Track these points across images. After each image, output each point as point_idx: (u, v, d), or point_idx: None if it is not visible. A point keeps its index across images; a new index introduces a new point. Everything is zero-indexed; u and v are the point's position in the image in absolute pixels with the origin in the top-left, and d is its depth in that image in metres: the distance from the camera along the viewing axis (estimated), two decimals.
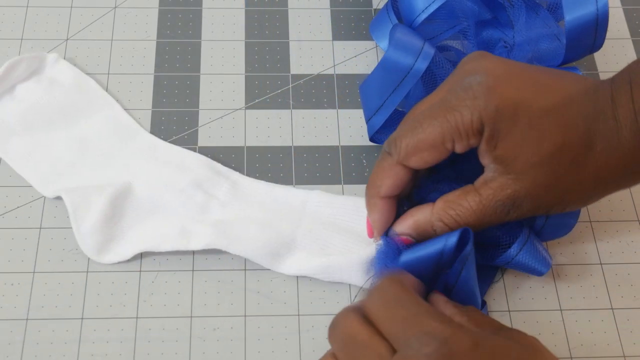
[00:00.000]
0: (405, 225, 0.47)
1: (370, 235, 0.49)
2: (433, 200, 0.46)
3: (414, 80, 0.51)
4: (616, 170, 0.44)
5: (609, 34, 0.52)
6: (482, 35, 0.56)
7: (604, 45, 0.52)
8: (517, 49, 0.53)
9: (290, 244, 0.51)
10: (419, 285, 0.43)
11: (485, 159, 0.45)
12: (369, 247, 0.49)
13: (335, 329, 0.40)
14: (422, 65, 0.51)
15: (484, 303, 0.50)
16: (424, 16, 0.53)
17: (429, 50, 0.51)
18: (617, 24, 0.63)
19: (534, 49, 0.53)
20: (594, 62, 0.61)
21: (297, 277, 0.51)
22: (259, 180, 0.54)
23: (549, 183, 0.44)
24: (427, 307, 0.39)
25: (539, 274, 0.49)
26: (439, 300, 0.43)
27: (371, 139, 0.55)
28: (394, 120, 0.53)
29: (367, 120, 0.54)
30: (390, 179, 0.46)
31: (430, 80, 0.52)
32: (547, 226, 0.49)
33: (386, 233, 0.48)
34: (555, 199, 0.45)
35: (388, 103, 0.52)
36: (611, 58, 0.61)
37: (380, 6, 0.62)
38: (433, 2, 0.53)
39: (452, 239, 0.44)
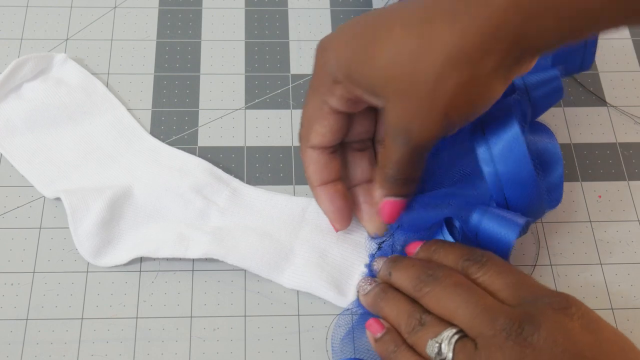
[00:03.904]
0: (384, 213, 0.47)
1: (335, 229, 0.50)
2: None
3: None
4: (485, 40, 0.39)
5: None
6: None
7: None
8: None
9: (288, 254, 0.50)
10: None
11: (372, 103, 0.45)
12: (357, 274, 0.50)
13: None
14: None
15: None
16: None
17: None
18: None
19: None
20: (595, 64, 0.61)
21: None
22: (260, 188, 0.53)
23: (409, 90, 0.41)
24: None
25: (508, 238, 0.45)
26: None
27: None
28: None
29: None
30: (312, 165, 0.49)
31: None
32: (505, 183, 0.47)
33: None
34: (431, 103, 0.41)
35: None
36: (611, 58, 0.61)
37: (379, 6, 0.62)
38: None
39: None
